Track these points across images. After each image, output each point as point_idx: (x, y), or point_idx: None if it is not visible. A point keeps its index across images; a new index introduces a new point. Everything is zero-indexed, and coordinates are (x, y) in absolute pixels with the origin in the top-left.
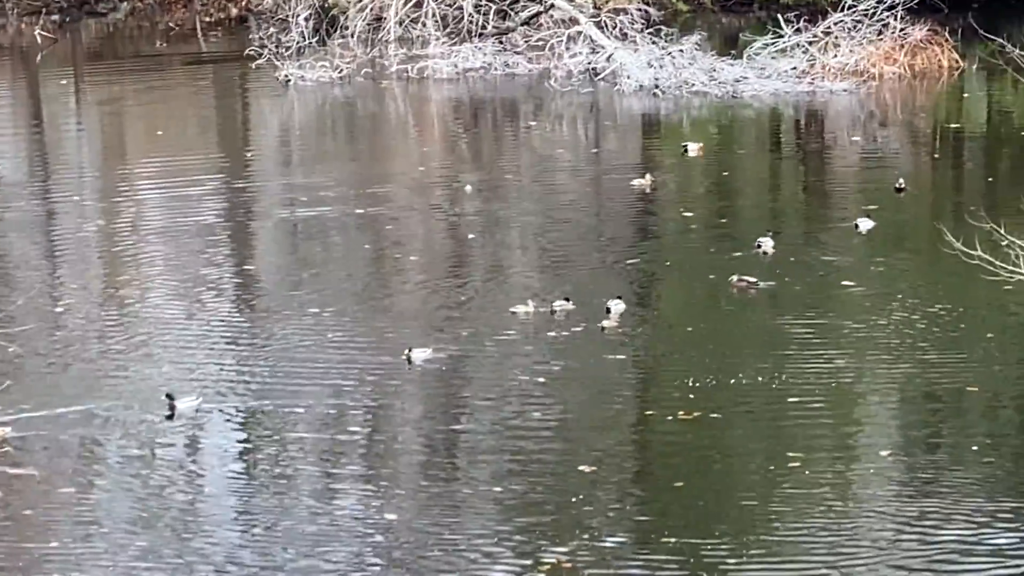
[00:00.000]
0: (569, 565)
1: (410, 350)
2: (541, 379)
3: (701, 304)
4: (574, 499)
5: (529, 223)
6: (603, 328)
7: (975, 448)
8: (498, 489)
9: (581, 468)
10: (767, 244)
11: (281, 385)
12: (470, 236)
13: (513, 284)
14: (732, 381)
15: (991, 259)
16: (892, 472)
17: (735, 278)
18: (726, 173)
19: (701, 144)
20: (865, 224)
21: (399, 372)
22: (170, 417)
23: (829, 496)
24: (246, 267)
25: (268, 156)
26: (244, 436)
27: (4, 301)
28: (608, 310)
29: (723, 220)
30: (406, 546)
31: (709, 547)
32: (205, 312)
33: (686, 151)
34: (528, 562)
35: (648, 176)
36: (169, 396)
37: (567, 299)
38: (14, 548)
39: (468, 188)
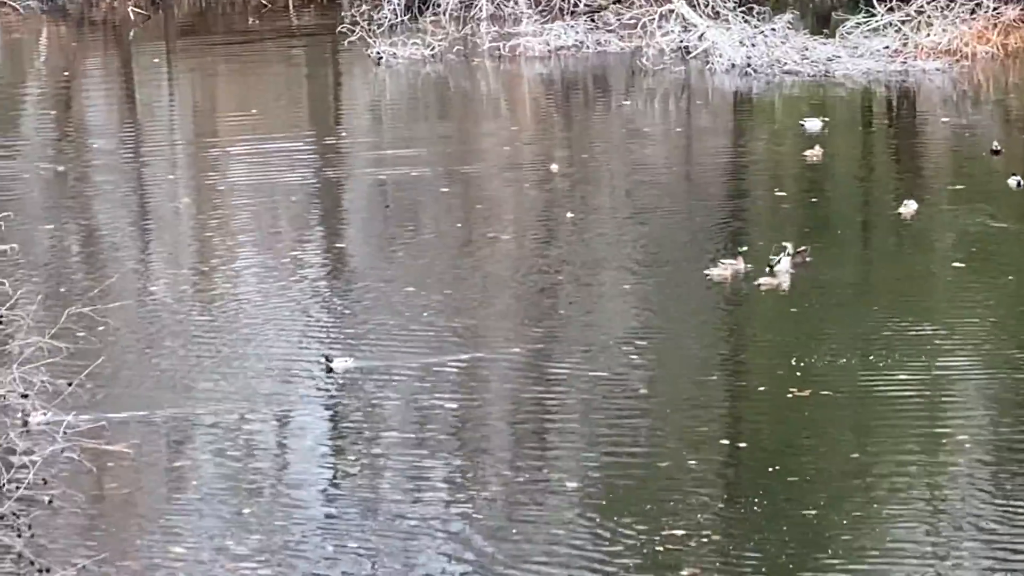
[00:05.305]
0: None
1: (329, 359)
2: (635, 359)
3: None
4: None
5: (624, 201)
6: (759, 284)
7: None
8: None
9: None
10: (911, 207)
11: (372, 373)
12: (568, 215)
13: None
14: (842, 361)
15: None
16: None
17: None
18: (849, 147)
19: (825, 118)
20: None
21: (493, 360)
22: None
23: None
24: (337, 245)
25: (359, 133)
26: (334, 430)
27: (99, 277)
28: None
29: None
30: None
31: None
32: (296, 293)
33: (804, 128)
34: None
35: (818, 147)
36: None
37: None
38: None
39: (555, 167)
